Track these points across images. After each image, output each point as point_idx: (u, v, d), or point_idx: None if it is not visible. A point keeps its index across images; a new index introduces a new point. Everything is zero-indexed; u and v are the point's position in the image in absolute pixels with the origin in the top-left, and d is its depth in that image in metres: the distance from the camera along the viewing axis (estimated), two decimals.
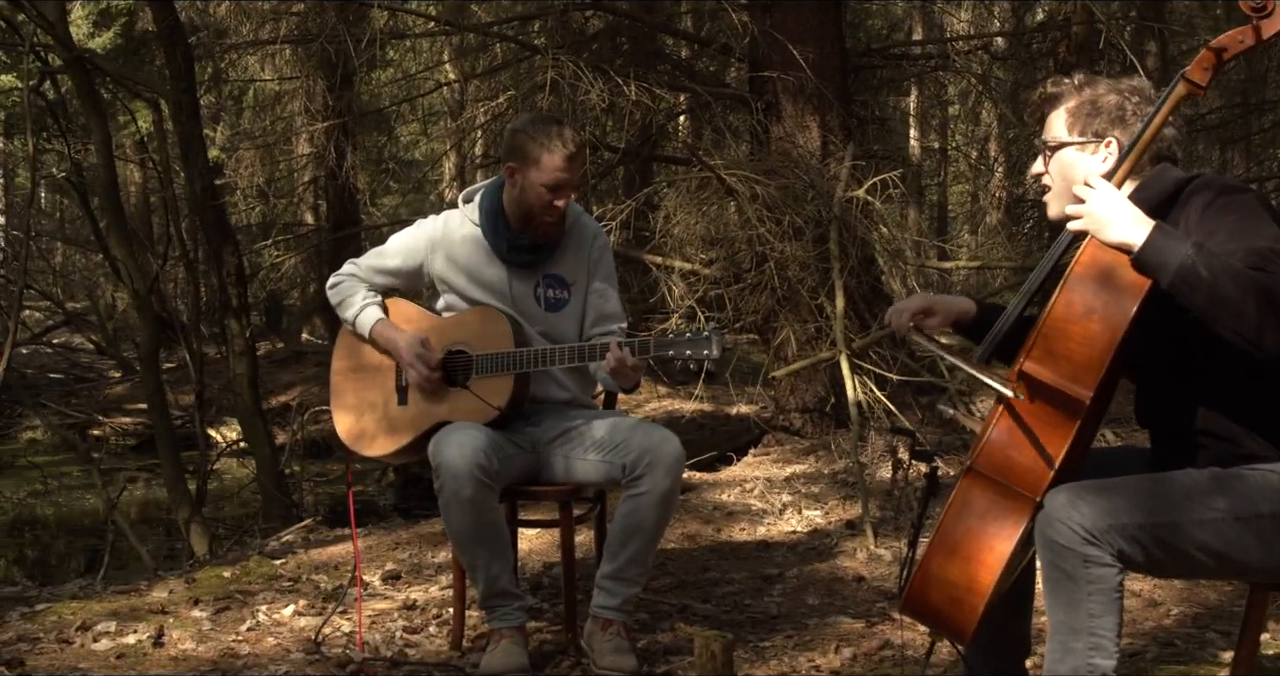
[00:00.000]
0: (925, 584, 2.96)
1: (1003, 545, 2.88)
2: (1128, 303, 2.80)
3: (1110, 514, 2.76)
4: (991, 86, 11.42)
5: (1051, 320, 2.84)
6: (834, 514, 6.28)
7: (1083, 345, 2.81)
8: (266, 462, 7.51)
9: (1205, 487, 2.85)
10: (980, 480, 2.93)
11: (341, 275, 4.55)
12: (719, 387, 9.75)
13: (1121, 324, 2.79)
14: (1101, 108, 3.06)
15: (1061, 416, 2.85)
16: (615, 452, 4.19)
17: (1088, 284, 2.83)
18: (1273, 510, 2.84)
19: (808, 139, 7.68)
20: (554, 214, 4.28)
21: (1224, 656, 4.24)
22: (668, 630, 4.70)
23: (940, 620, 2.98)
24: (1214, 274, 2.65)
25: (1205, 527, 2.82)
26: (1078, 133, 3.08)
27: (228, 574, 5.47)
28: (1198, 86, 2.89)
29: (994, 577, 2.87)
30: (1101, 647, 2.80)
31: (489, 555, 4.16)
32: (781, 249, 6.85)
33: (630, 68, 7.72)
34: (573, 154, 4.23)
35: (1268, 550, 2.86)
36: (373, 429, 4.45)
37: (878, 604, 5.03)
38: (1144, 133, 2.94)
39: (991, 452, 2.92)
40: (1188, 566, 2.96)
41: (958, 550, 2.91)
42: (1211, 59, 2.88)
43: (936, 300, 3.39)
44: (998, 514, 2.90)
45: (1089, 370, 2.81)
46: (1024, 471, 2.89)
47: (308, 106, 10.47)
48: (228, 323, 7.39)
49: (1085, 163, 3.07)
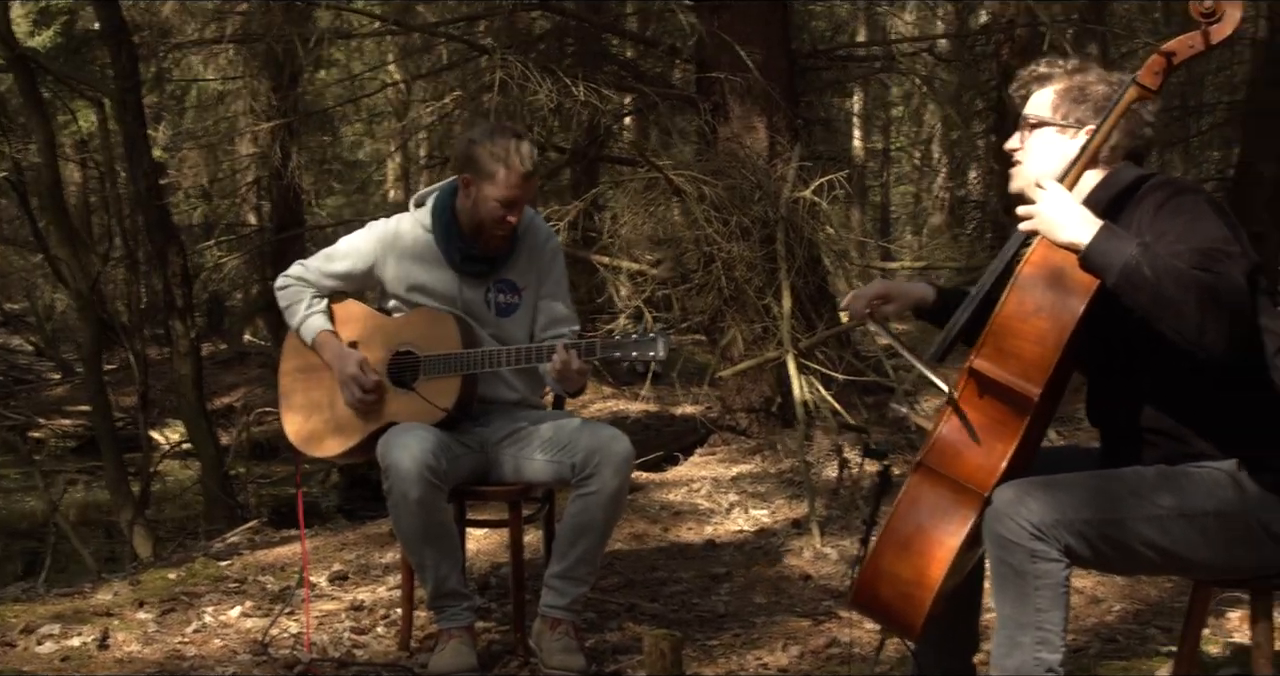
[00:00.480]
0: (875, 579, 2.98)
1: (951, 540, 2.91)
2: (1076, 302, 2.83)
3: (1057, 509, 2.79)
4: (935, 88, 11.50)
5: (1002, 318, 2.87)
6: (780, 513, 6.31)
7: (1032, 343, 2.85)
8: (211, 464, 7.47)
9: (1152, 484, 2.89)
10: (930, 476, 2.96)
11: (289, 277, 4.51)
12: (665, 388, 9.76)
13: (1070, 322, 2.83)
14: (1089, 95, 3.08)
15: (1011, 414, 2.89)
16: (564, 452, 4.20)
17: (1038, 283, 2.87)
18: (1217, 507, 2.88)
19: (755, 140, 7.71)
20: (505, 229, 4.28)
21: (1165, 651, 4.29)
22: (616, 629, 4.71)
23: (889, 616, 3.01)
24: (1157, 274, 2.69)
25: (1151, 524, 2.85)
26: (1060, 115, 3.10)
27: (173, 576, 5.43)
28: (1148, 90, 2.93)
29: (943, 573, 2.90)
30: (1048, 642, 2.83)
31: (437, 555, 4.16)
32: (728, 249, 6.87)
33: (577, 68, 7.73)
34: (529, 172, 4.22)
35: (1211, 547, 2.90)
36: (321, 430, 4.43)
37: (824, 602, 5.06)
38: (1096, 136, 2.98)
39: (941, 449, 2.95)
40: (1133, 562, 2.99)
41: (908, 546, 2.94)
42: (1162, 63, 2.92)
43: (894, 286, 3.43)
44: (947, 510, 2.93)
45: (1038, 368, 2.84)
46: (973, 468, 2.92)
47: (252, 106, 10.41)
48: (172, 323, 7.34)
49: (1060, 145, 3.10)
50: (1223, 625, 4.62)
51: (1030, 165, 3.14)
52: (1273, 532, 2.92)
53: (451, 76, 9.53)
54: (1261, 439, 2.93)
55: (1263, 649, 3.04)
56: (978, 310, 3.15)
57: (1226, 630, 4.57)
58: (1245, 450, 2.93)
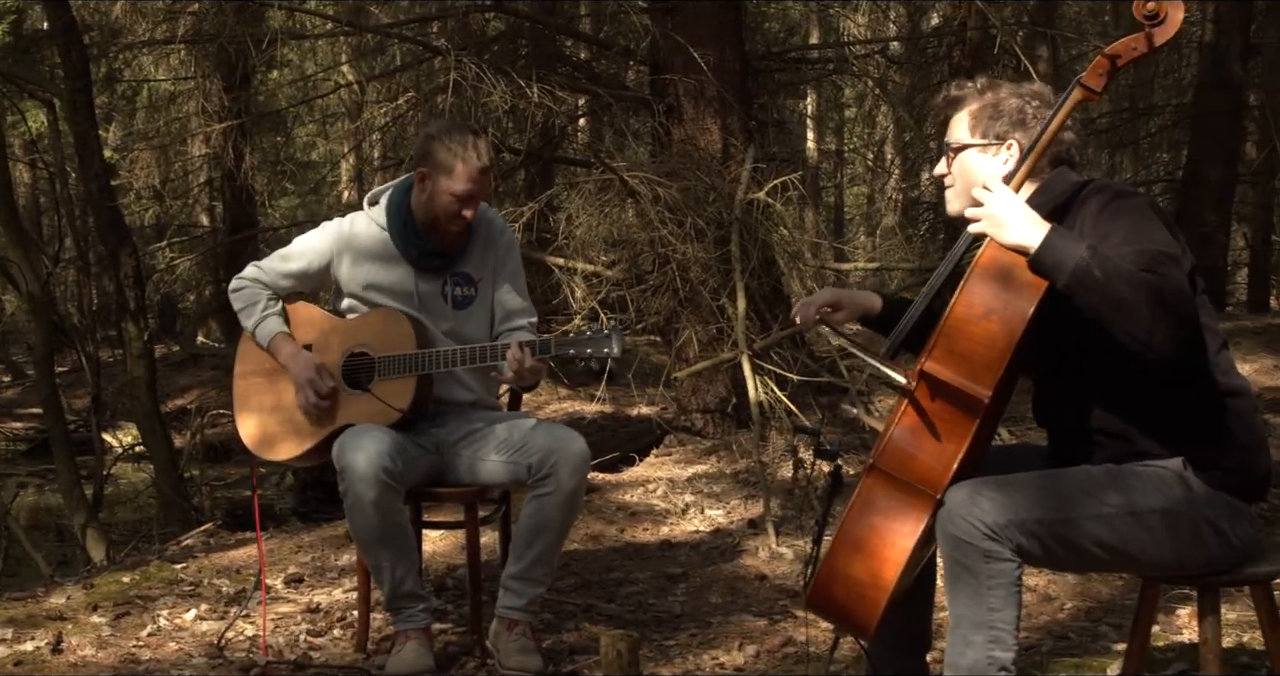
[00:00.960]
0: (829, 580, 3.01)
1: (905, 541, 2.94)
2: (1025, 303, 2.87)
3: (1009, 509, 2.83)
4: (888, 90, 11.57)
5: (952, 320, 2.90)
6: (736, 513, 6.33)
7: (982, 345, 2.88)
8: (165, 467, 7.43)
9: (1101, 483, 2.93)
10: (882, 478, 2.99)
11: (244, 279, 4.50)
12: (620, 388, 9.77)
13: (1019, 324, 2.87)
14: (1003, 111, 3.13)
15: (961, 415, 2.92)
16: (520, 453, 4.21)
17: (987, 284, 2.90)
18: (1165, 505, 2.92)
19: (709, 141, 7.73)
20: (460, 224, 4.29)
21: (1116, 648, 4.33)
22: (573, 630, 4.72)
23: (844, 616, 3.03)
24: (1107, 275, 2.73)
25: (1100, 523, 2.89)
26: (980, 135, 3.15)
27: (127, 579, 5.40)
28: (1092, 92, 2.98)
29: (896, 573, 2.93)
30: (1001, 640, 2.86)
31: (394, 557, 4.16)
32: (683, 250, 6.89)
33: (531, 70, 7.73)
34: (485, 167, 4.25)
35: (1158, 544, 2.94)
36: (277, 433, 4.42)
37: (780, 601, 5.09)
38: (1042, 136, 3.02)
39: (893, 451, 2.98)
40: (1083, 560, 3.04)
41: (861, 547, 2.97)
42: (1106, 65, 2.97)
43: (843, 295, 3.47)
44: (900, 511, 2.96)
45: (988, 369, 2.87)
46: (925, 469, 2.95)
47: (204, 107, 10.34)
48: (125, 326, 7.29)
49: (986, 164, 3.15)
50: (1173, 622, 4.68)
51: (960, 188, 3.19)
52: (1219, 529, 2.97)
53: (405, 78, 9.50)
54: (1206, 437, 2.98)
55: (1210, 645, 3.08)
56: (926, 311, 3.19)
57: (1176, 627, 4.62)
58: (1191, 449, 2.98)
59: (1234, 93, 11.98)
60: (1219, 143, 12.09)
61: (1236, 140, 12.77)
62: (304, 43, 10.22)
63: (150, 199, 13.63)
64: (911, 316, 3.20)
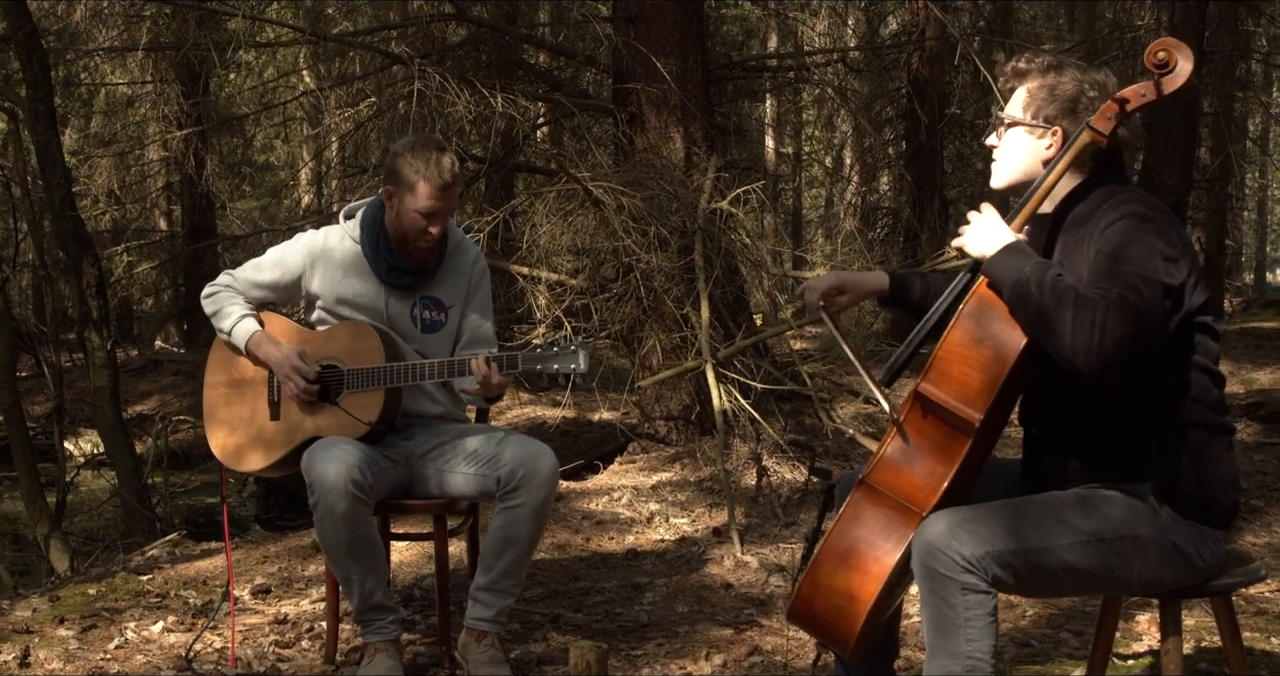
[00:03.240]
0: (812, 592, 3.05)
1: (889, 557, 2.99)
2: (1020, 334, 2.92)
3: (987, 541, 2.86)
4: (847, 97, 11.63)
5: (949, 344, 2.96)
6: (701, 521, 6.37)
7: (977, 370, 2.93)
8: (128, 475, 7.39)
9: (1073, 511, 2.97)
10: (872, 494, 3.04)
11: (218, 286, 4.52)
12: (583, 394, 9.80)
13: (1014, 352, 2.92)
14: (1058, 95, 3.15)
15: (954, 436, 2.97)
16: (489, 465, 4.24)
17: (985, 312, 2.96)
18: (1135, 532, 2.97)
19: (671, 150, 7.76)
20: (429, 240, 4.32)
21: (1079, 655, 4.40)
22: (541, 640, 4.75)
23: (824, 628, 3.07)
24: (1042, 291, 2.81)
25: (1074, 550, 2.93)
26: (1030, 115, 3.18)
27: (93, 591, 5.39)
28: (1100, 135, 3.03)
29: (879, 588, 2.98)
30: (977, 669, 2.89)
31: (363, 569, 4.18)
32: (647, 259, 6.93)
33: (494, 78, 7.74)
34: (448, 183, 4.27)
35: (1126, 568, 2.99)
36: (246, 444, 4.43)
37: (746, 610, 5.13)
38: (1047, 178, 3.08)
39: (885, 468, 3.03)
40: (1053, 586, 3.11)
41: (846, 560, 3.01)
42: (1115, 109, 3.03)
43: (848, 279, 3.48)
44: (887, 527, 3.01)
45: (982, 394, 2.93)
46: (915, 488, 3.00)
47: (163, 111, 10.31)
48: (87, 335, 7.25)
49: (1029, 146, 3.18)
50: (1133, 628, 4.75)
51: (1003, 163, 3.23)
52: (1186, 553, 3.01)
53: (366, 84, 9.49)
54: (1179, 468, 3.02)
55: (1171, 656, 3.14)
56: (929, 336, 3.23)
57: (1136, 633, 4.70)
58: (1162, 477, 3.02)
59: (1190, 101, 12.11)
60: (1174, 149, 12.23)
61: (1191, 147, 12.92)
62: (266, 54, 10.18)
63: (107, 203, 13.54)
64: (912, 342, 3.23)
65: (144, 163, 13.45)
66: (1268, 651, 4.45)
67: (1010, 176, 3.21)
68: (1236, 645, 3.23)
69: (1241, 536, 5.94)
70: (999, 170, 3.25)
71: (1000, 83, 3.30)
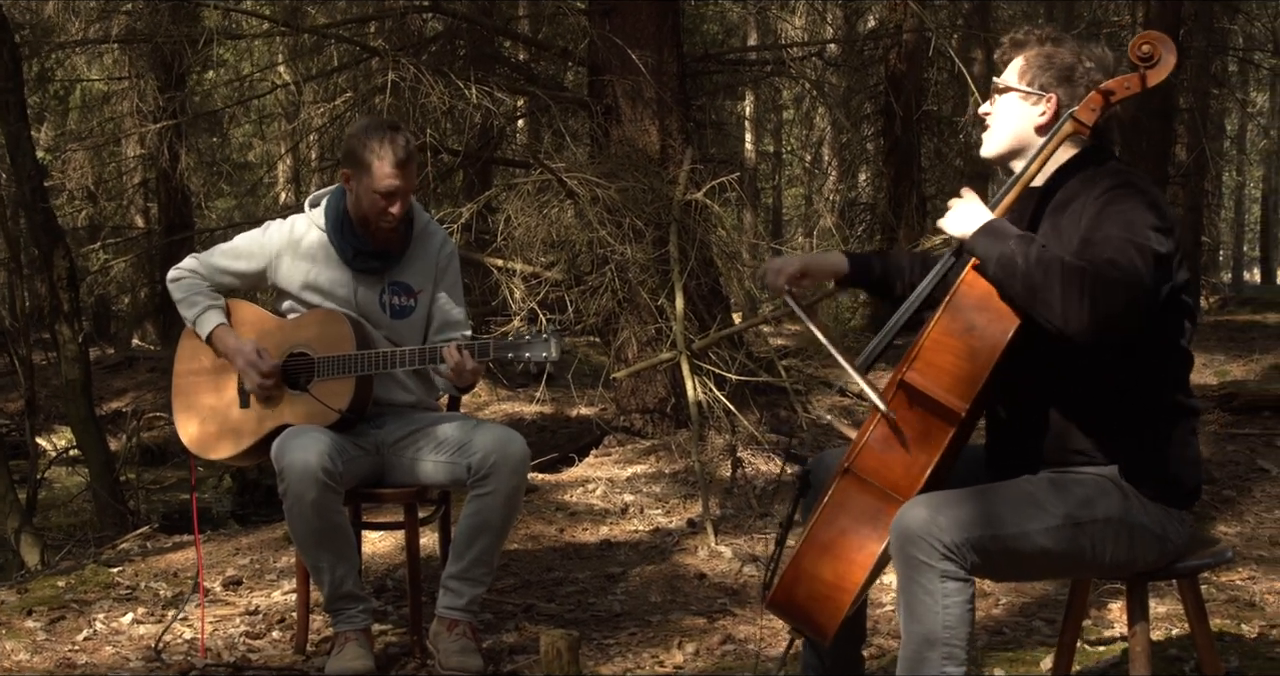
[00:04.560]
0: (795, 581, 3.03)
1: (874, 545, 2.98)
2: (1006, 323, 2.92)
3: (965, 528, 2.86)
4: (825, 92, 11.64)
5: (935, 334, 2.95)
6: (675, 513, 6.36)
7: (963, 360, 2.92)
8: (100, 470, 7.35)
9: (1046, 495, 2.97)
10: (855, 482, 3.03)
11: (183, 270, 4.48)
12: (560, 390, 9.80)
13: (999, 344, 2.91)
14: (1054, 63, 3.15)
15: (937, 425, 2.96)
16: (460, 453, 4.22)
17: (970, 302, 2.96)
18: (1105, 514, 2.97)
19: (647, 142, 7.75)
20: (390, 220, 4.29)
21: (1050, 642, 4.40)
22: (513, 630, 4.73)
23: (806, 617, 3.06)
24: (1028, 263, 2.81)
25: (1047, 534, 2.93)
26: (1025, 82, 3.17)
27: (62, 583, 5.35)
28: (1084, 125, 3.05)
29: (864, 576, 2.97)
30: (954, 656, 2.89)
31: (334, 558, 4.16)
32: (622, 251, 6.91)
33: (469, 71, 7.72)
34: (403, 161, 4.23)
35: (1099, 551, 2.99)
36: (215, 432, 4.41)
37: (719, 600, 5.12)
38: (1030, 166, 3.08)
39: (868, 456, 3.02)
40: (1027, 570, 3.13)
41: (830, 549, 3.00)
42: (1100, 101, 3.04)
43: (811, 262, 3.49)
44: (871, 515, 3.00)
45: (967, 384, 2.92)
46: (897, 476, 2.99)
47: (139, 107, 10.25)
48: (58, 328, 7.21)
49: (1023, 113, 3.17)
50: (1105, 616, 4.75)
51: (995, 130, 3.22)
52: (1156, 534, 3.02)
53: (343, 79, 9.46)
54: (1145, 450, 3.03)
55: (1139, 638, 3.14)
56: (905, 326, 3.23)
57: (1108, 621, 4.70)
58: (1127, 458, 3.03)
59: (1164, 96, 12.13)
60: (1151, 145, 12.24)
61: (1167, 142, 12.95)
62: (240, 43, 10.14)
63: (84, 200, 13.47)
64: (892, 329, 3.22)
65: (120, 159, 13.38)
66: (1238, 637, 4.45)
67: (1002, 144, 3.20)
68: (1203, 628, 3.24)
69: (1214, 526, 5.95)
70: (991, 138, 3.24)
71: (998, 55, 3.29)
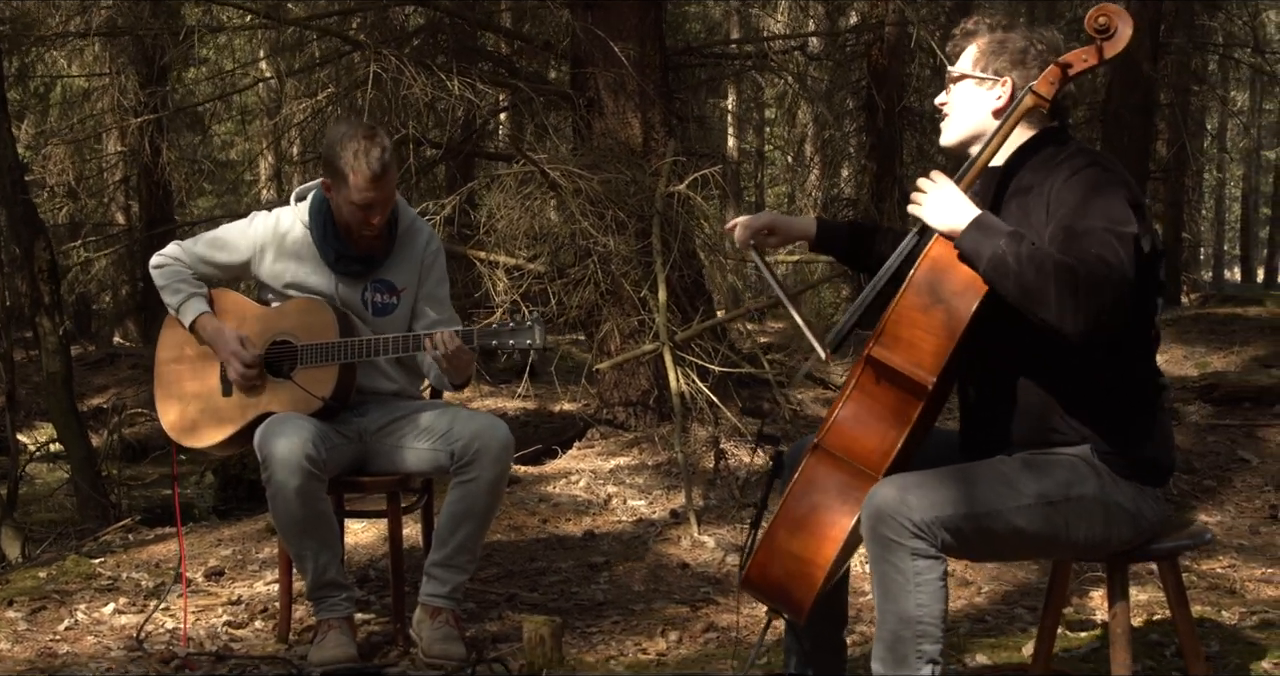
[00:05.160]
0: (769, 558, 3.05)
1: (845, 520, 2.99)
2: (971, 295, 2.93)
3: (937, 506, 2.88)
4: (807, 87, 11.65)
5: (900, 309, 2.96)
6: (658, 503, 6.36)
7: (929, 334, 2.94)
8: (82, 462, 7.32)
9: (1020, 475, 2.99)
10: (826, 458, 3.04)
11: (167, 256, 4.47)
12: (544, 386, 9.78)
13: (965, 315, 2.93)
14: (1007, 48, 3.17)
15: (905, 400, 2.97)
16: (443, 440, 4.22)
17: (936, 276, 2.97)
18: (1079, 493, 2.99)
19: (629, 135, 7.75)
20: (371, 229, 4.27)
21: (1032, 629, 4.41)
22: (496, 619, 4.74)
23: (780, 594, 3.07)
24: (1020, 263, 2.81)
25: (1020, 514, 2.95)
26: (980, 68, 3.19)
27: (43, 574, 5.34)
28: (1043, 99, 3.06)
29: (836, 551, 2.98)
30: (929, 634, 2.91)
31: (317, 546, 4.16)
32: (605, 243, 6.92)
33: (452, 64, 7.72)
34: (378, 174, 4.16)
35: (1073, 530, 3.01)
36: (198, 419, 4.40)
37: (702, 589, 5.13)
38: (992, 141, 3.09)
39: (839, 432, 3.03)
40: (1001, 550, 3.14)
41: (802, 525, 3.02)
42: (1058, 74, 3.05)
43: (779, 221, 3.52)
44: (842, 491, 3.01)
45: (934, 358, 2.93)
46: (868, 451, 3.01)
47: (120, 102, 10.23)
48: (39, 321, 7.18)
49: (980, 98, 3.19)
50: (1087, 604, 4.78)
51: (954, 119, 3.24)
52: (1130, 512, 3.04)
53: (324, 73, 9.44)
54: (1118, 428, 3.05)
55: (1119, 619, 3.15)
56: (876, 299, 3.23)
57: (1090, 608, 4.73)
58: (1101, 437, 3.04)
59: (1145, 91, 12.20)
60: (1131, 141, 12.30)
61: (1148, 138, 13.02)
62: (221, 39, 10.11)
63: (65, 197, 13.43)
64: (860, 305, 3.23)
65: (102, 156, 13.34)
66: (1219, 623, 4.48)
67: (961, 131, 3.22)
68: (1184, 611, 3.25)
69: (1195, 515, 5.98)
70: (950, 126, 3.26)
71: (950, 46, 3.31)
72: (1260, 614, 4.62)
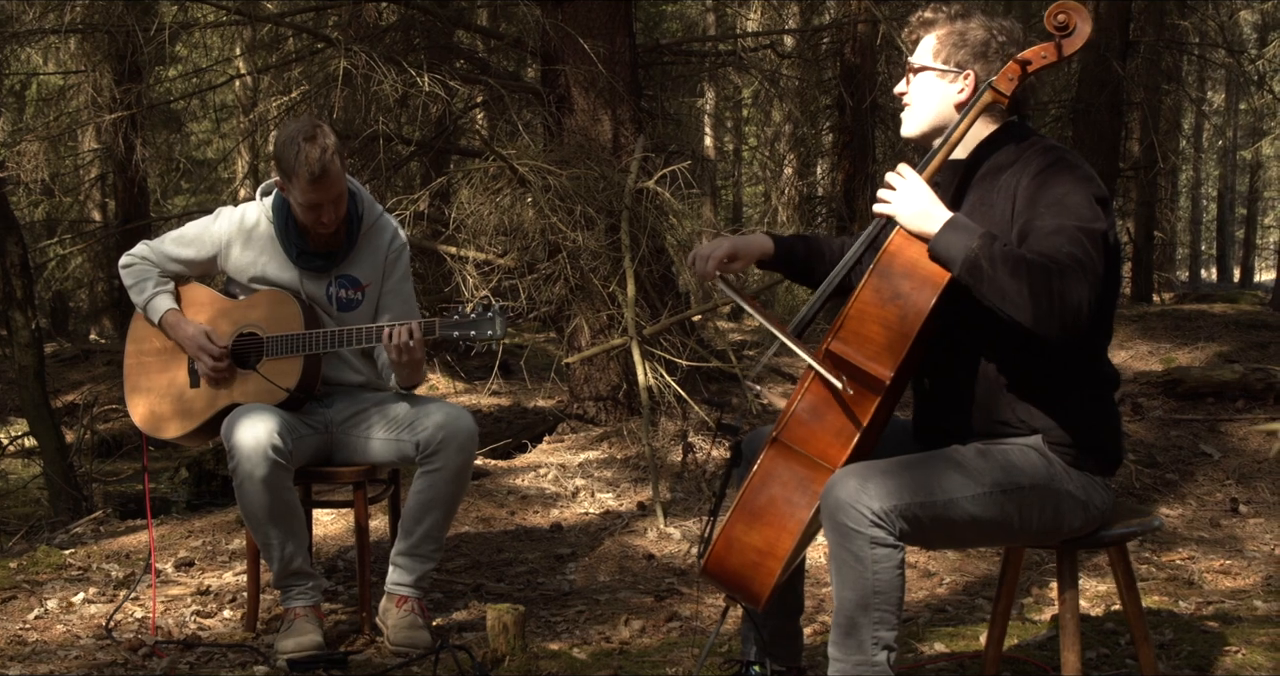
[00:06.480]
0: (726, 549, 3.08)
1: (803, 513, 3.03)
2: (930, 291, 2.97)
3: (894, 495, 2.91)
4: (780, 85, 11.70)
5: (859, 303, 3.00)
6: (626, 496, 6.42)
7: (887, 328, 2.97)
8: (54, 456, 7.35)
9: (975, 464, 3.04)
10: (784, 451, 3.08)
11: (134, 256, 4.52)
12: (516, 383, 9.84)
13: (924, 310, 2.97)
14: (968, 41, 3.18)
15: (863, 394, 3.01)
16: (409, 431, 4.27)
17: (895, 270, 3.00)
18: (1032, 482, 3.04)
19: (600, 131, 7.81)
20: (324, 227, 4.30)
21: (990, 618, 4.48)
22: (462, 608, 4.78)
23: (738, 584, 3.11)
24: (994, 265, 2.84)
25: (976, 502, 3.00)
26: (941, 60, 3.21)
27: (14, 565, 5.36)
28: (1002, 94, 3.10)
29: (793, 543, 3.02)
30: (885, 621, 2.95)
31: (283, 534, 4.20)
32: (574, 238, 6.97)
33: (424, 60, 7.76)
34: (318, 176, 4.15)
35: (1026, 518, 3.06)
36: (167, 412, 4.44)
37: (667, 579, 5.18)
38: (952, 134, 3.12)
39: (796, 425, 3.07)
40: (957, 538, 3.18)
41: (760, 516, 3.05)
42: (1017, 70, 3.09)
43: (739, 244, 3.49)
44: (799, 483, 3.05)
45: (891, 352, 2.97)
46: (825, 445, 3.04)
47: (95, 99, 10.23)
48: (11, 315, 7.21)
49: (942, 90, 3.21)
50: (1046, 595, 4.84)
51: (915, 110, 3.26)
52: (1081, 500, 3.09)
53: (299, 70, 9.47)
54: (1068, 418, 3.10)
55: (1068, 604, 3.20)
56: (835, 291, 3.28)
57: (1050, 599, 4.78)
58: (1052, 428, 3.09)
59: (1115, 89, 12.27)
60: (1101, 138, 12.37)
61: (1118, 136, 13.08)
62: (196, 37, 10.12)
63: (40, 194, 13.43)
64: (822, 295, 3.27)
65: (77, 154, 13.35)
66: (1174, 613, 4.54)
67: (923, 123, 3.24)
68: (1132, 595, 3.31)
69: (1156, 509, 6.05)
70: (911, 117, 3.27)
71: (906, 33, 3.32)
72: (1216, 604, 4.70)
